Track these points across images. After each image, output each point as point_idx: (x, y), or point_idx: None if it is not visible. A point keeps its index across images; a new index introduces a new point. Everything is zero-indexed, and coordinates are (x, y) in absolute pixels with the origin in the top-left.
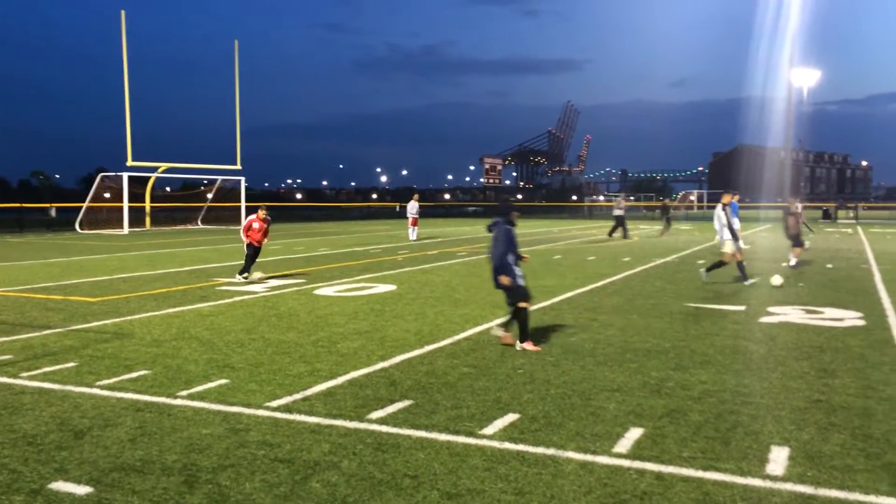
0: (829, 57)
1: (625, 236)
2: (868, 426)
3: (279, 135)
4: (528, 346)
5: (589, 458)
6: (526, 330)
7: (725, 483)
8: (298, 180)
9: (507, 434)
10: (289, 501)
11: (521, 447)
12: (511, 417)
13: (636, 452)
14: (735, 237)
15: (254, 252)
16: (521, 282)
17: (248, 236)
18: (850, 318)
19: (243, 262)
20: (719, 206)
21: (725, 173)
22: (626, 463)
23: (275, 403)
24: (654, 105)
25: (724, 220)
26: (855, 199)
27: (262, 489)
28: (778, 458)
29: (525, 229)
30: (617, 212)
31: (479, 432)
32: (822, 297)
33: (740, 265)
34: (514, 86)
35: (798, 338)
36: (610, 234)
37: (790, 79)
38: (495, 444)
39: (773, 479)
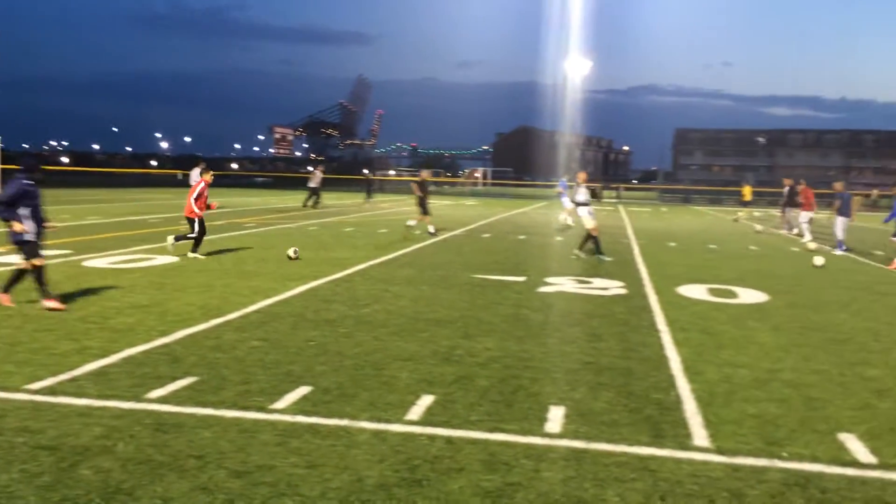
0: (599, 49)
1: (315, 205)
2: (630, 384)
3: (41, 89)
4: (53, 303)
5: (382, 426)
6: (44, 287)
7: (509, 443)
8: (65, 142)
9: (299, 407)
10: (53, 492)
11: (313, 420)
12: (303, 390)
13: (427, 419)
14: (578, 210)
15: (202, 226)
16: (28, 237)
17: (198, 207)
18: (615, 287)
19: (189, 236)
20: (581, 187)
21: (508, 152)
22: (417, 429)
23: (36, 385)
24: (444, 84)
25: (582, 198)
26: (617, 181)
27: (21, 480)
28: (555, 417)
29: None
30: (311, 184)
31: (270, 407)
32: (591, 269)
33: (595, 239)
34: (307, 55)
35: (571, 306)
36: (304, 204)
37: (566, 67)
38: (287, 417)
39: (551, 436)
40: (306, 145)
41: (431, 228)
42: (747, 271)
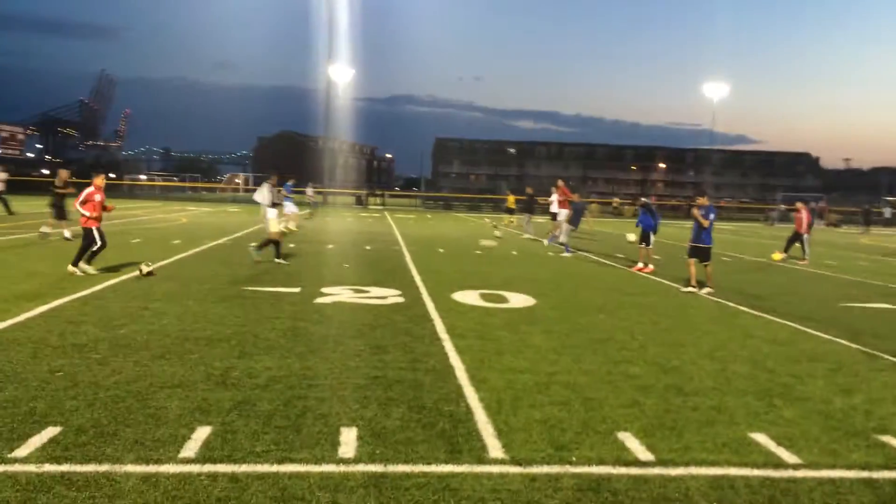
0: (360, 58)
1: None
2: (420, 397)
3: None
4: None
5: (152, 468)
6: None
7: (301, 474)
8: None
9: (46, 454)
10: None
11: (65, 468)
12: (51, 432)
13: (206, 454)
14: (278, 213)
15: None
16: None
17: (89, 218)
18: (392, 295)
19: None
20: (265, 186)
21: (270, 158)
22: (195, 468)
23: None
24: (201, 84)
25: (268, 200)
26: (382, 188)
27: None
28: (348, 440)
29: (44, 208)
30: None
31: (10, 455)
32: (367, 277)
33: (276, 243)
34: (39, 47)
35: (351, 317)
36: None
37: (329, 73)
38: (31, 468)
39: (346, 462)
40: (40, 145)
41: (67, 234)
42: (513, 276)
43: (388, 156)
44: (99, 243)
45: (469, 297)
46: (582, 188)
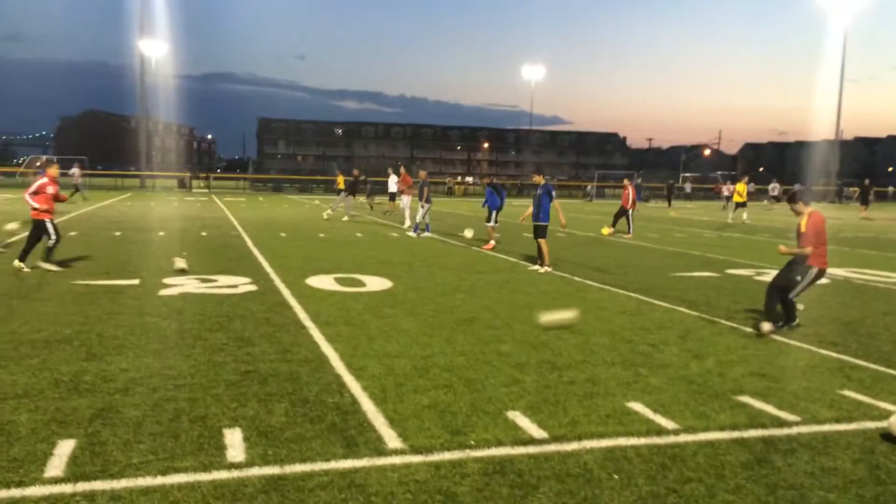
0: (172, 32)
1: None
2: (300, 390)
3: None
4: None
5: (15, 492)
6: None
7: (191, 484)
8: None
9: None
10: None
11: None
12: None
13: (77, 471)
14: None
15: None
16: None
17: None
18: (243, 283)
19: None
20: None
21: (75, 139)
22: (68, 488)
23: None
24: None
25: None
26: (205, 170)
27: None
28: (234, 442)
29: None
30: None
31: None
32: (211, 265)
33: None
34: None
35: (204, 308)
36: None
37: (140, 48)
38: None
39: (238, 466)
40: None
41: None
42: (363, 259)
43: (210, 137)
44: (54, 237)
45: (324, 282)
46: (419, 167)
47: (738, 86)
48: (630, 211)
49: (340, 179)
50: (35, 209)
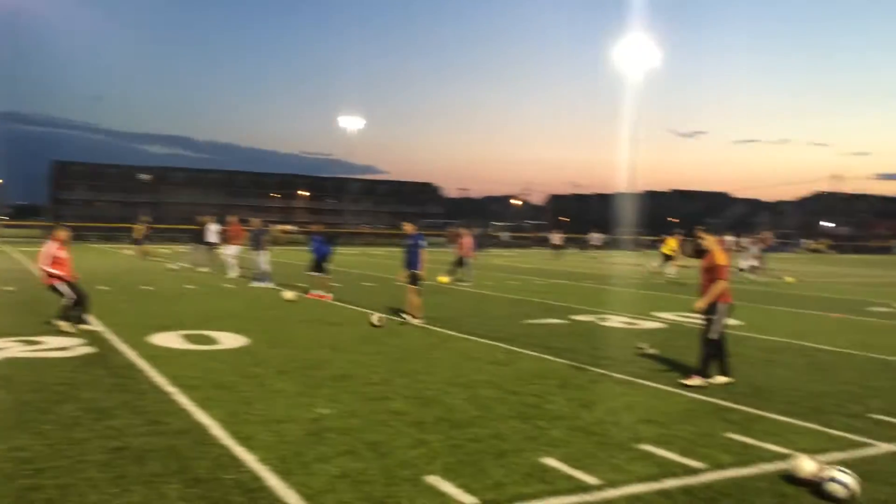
0: None
1: None
2: (190, 468)
3: None
4: None
5: None
6: None
7: None
8: None
9: None
10: None
11: None
12: None
13: None
14: None
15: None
16: None
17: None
18: (76, 344)
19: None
20: None
21: None
22: None
23: None
24: None
25: None
26: None
27: None
28: None
29: None
30: None
31: None
32: (31, 324)
33: None
34: None
35: (40, 376)
36: None
37: None
38: None
39: None
40: None
41: None
42: (206, 312)
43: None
44: (74, 297)
45: (171, 339)
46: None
47: (544, 140)
48: (468, 259)
49: (138, 228)
50: (55, 275)
